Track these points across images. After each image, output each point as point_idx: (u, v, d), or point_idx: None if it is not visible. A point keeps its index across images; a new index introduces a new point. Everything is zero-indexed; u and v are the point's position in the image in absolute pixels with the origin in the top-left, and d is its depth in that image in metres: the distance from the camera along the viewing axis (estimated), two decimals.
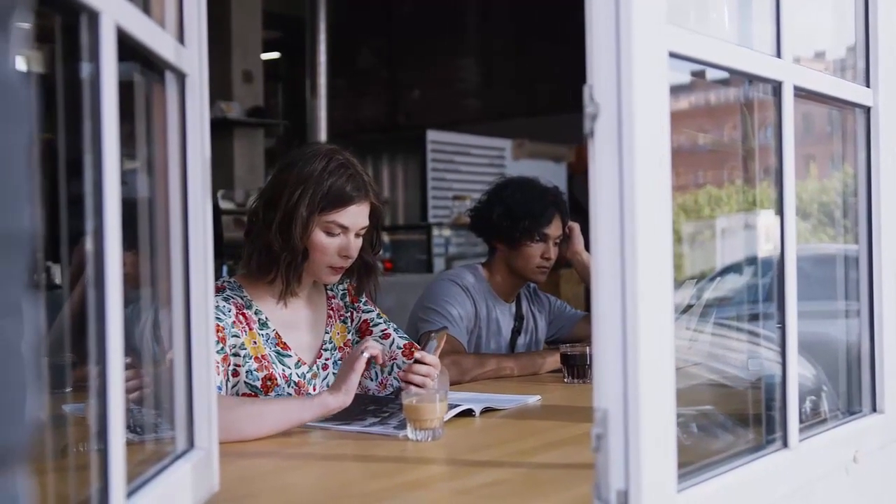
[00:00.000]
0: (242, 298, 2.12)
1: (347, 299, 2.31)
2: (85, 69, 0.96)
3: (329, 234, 2.09)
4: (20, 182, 0.55)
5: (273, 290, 2.15)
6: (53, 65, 1.01)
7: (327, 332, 2.24)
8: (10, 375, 0.53)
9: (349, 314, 2.30)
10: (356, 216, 2.10)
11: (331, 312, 2.27)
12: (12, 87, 0.56)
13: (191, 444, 1.32)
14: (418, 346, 2.26)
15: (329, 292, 2.29)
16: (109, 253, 0.96)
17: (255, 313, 2.12)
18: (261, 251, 2.10)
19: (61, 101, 1.03)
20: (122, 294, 0.98)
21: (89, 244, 0.96)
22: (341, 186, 2.07)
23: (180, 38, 1.29)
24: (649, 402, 1.11)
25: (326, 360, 2.22)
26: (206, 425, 1.33)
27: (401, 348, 2.26)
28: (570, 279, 6.40)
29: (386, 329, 2.29)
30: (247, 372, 2.05)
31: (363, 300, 2.32)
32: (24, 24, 0.60)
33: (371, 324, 2.29)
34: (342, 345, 2.26)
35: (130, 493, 1.05)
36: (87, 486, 0.99)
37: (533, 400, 2.27)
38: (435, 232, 7.31)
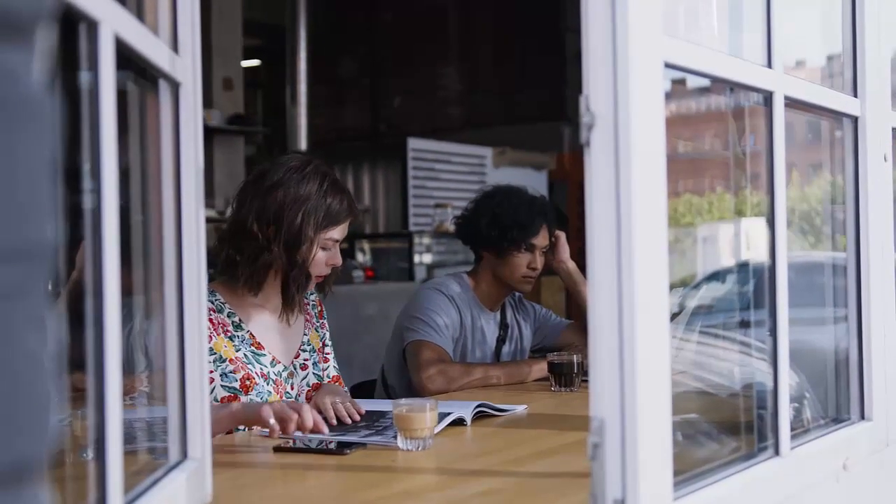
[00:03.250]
0: (213, 303, 2.16)
1: (316, 311, 2.39)
2: (83, 77, 0.96)
3: (324, 248, 2.19)
4: (44, 195, 0.55)
5: (254, 298, 2.20)
6: (51, 73, 1.00)
7: (305, 335, 2.32)
8: (35, 388, 0.53)
9: (319, 324, 2.40)
10: (346, 229, 2.23)
11: (308, 317, 2.35)
12: (37, 102, 0.56)
13: (184, 454, 1.31)
14: (341, 381, 2.38)
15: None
16: (107, 262, 0.95)
17: (228, 316, 2.17)
18: (259, 269, 2.14)
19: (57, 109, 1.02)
20: (119, 304, 0.97)
21: (87, 254, 0.95)
22: (339, 205, 2.18)
23: (174, 46, 1.28)
24: (646, 411, 1.11)
25: (305, 360, 2.29)
26: (199, 436, 1.32)
27: (330, 378, 2.37)
28: (550, 286, 6.39)
29: (329, 354, 2.40)
30: (222, 375, 2.09)
31: (325, 318, 2.42)
32: (46, 38, 0.60)
33: (324, 342, 2.40)
34: (317, 349, 2.35)
35: None
36: (82, 498, 0.98)
37: (521, 409, 2.27)
38: (416, 240, 7.29)
